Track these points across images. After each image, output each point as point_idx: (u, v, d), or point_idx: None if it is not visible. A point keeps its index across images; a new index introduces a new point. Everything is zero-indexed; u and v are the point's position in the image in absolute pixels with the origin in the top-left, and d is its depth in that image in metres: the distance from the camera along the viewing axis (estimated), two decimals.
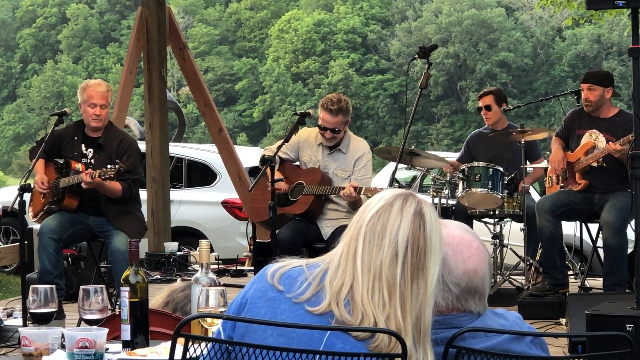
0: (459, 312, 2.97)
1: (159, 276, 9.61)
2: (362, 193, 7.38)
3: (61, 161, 7.56)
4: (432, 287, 2.75)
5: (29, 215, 7.84)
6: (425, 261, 2.74)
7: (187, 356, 2.63)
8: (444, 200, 8.56)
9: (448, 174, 8.47)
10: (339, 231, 7.48)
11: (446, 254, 2.96)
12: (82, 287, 3.67)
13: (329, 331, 2.68)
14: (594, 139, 7.90)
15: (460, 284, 2.94)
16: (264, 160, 7.31)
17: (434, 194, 8.53)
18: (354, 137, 7.96)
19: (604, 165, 7.80)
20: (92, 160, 7.46)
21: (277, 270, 2.80)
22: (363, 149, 7.83)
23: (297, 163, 8.08)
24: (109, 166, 7.05)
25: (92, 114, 7.42)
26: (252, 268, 9.66)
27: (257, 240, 9.41)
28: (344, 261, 2.75)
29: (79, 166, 7.42)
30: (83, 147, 7.51)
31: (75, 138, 7.53)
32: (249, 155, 12.28)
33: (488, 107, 8.93)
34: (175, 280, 8.81)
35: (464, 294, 2.95)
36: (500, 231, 8.61)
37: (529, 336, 2.99)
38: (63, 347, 3.39)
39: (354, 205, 7.48)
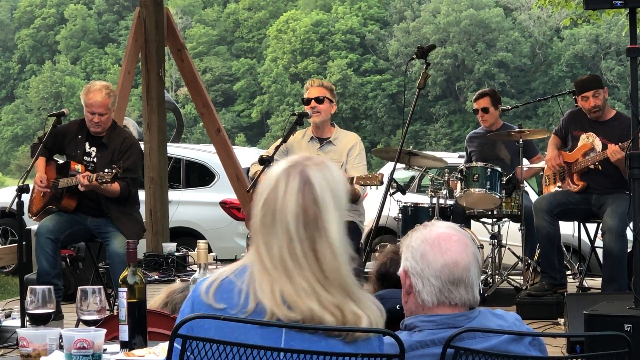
0: (445, 306, 2.98)
1: (157, 277, 9.61)
2: (355, 182, 7.33)
3: (61, 161, 7.56)
4: (339, 244, 2.72)
5: (27, 214, 7.83)
6: (321, 224, 2.72)
7: (185, 357, 2.63)
8: (442, 201, 8.57)
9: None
10: None
11: (424, 250, 2.98)
12: (80, 287, 3.68)
13: (284, 330, 2.66)
14: (591, 141, 7.90)
15: (441, 277, 2.96)
16: (262, 160, 7.30)
17: (432, 194, 8.54)
18: (344, 131, 7.92)
19: (600, 168, 7.80)
20: (95, 159, 7.46)
21: (209, 287, 2.74)
22: (354, 139, 7.80)
23: None
24: (106, 170, 7.05)
25: (90, 120, 7.44)
26: None
27: None
28: (258, 262, 2.73)
29: (78, 167, 7.42)
30: (87, 145, 7.51)
31: (79, 136, 7.52)
32: (247, 156, 12.27)
33: (486, 110, 8.94)
34: (174, 280, 8.81)
35: (447, 285, 2.97)
36: (499, 231, 8.61)
37: (528, 337, 3.00)
38: (61, 347, 3.40)
39: (352, 198, 7.45)
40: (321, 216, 2.72)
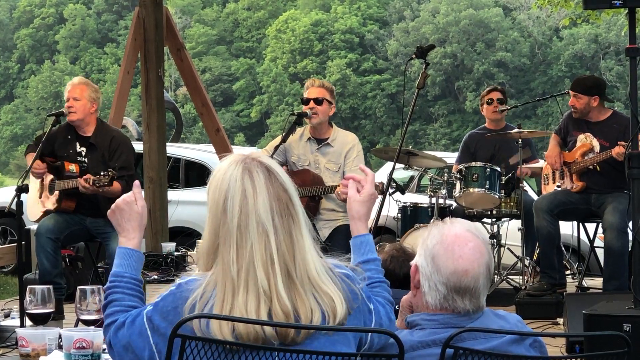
0: (449, 311, 2.97)
1: (156, 276, 9.60)
2: None
3: (56, 163, 7.56)
4: (305, 226, 2.76)
5: (28, 217, 7.83)
6: (292, 209, 2.75)
7: (184, 356, 2.63)
8: (441, 200, 8.56)
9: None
10: (336, 232, 7.44)
11: (437, 253, 2.95)
12: (79, 287, 3.68)
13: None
14: (589, 141, 7.91)
15: (448, 284, 2.94)
16: None
17: (432, 193, 8.53)
18: (342, 131, 7.88)
19: (598, 168, 7.81)
20: (86, 159, 7.47)
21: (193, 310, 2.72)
22: (352, 141, 7.75)
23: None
24: (102, 173, 7.05)
25: (66, 107, 7.47)
26: None
27: None
28: (222, 273, 2.71)
29: (72, 167, 7.42)
30: (77, 145, 7.51)
31: (69, 137, 7.53)
32: None
33: (501, 101, 8.92)
34: (173, 280, 8.80)
35: (451, 293, 2.94)
36: (498, 231, 8.61)
37: (529, 339, 2.99)
38: (60, 347, 3.39)
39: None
40: (291, 200, 2.76)
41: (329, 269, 2.77)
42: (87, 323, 3.62)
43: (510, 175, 8.35)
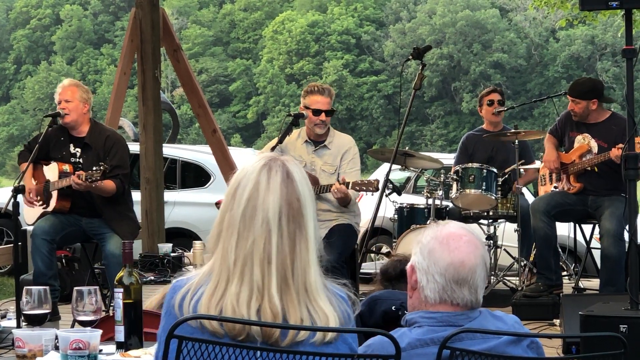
0: (447, 305, 2.98)
1: (152, 277, 9.59)
2: (350, 187, 7.31)
3: (48, 164, 7.55)
4: (314, 242, 2.74)
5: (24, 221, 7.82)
6: (302, 220, 2.74)
7: (180, 357, 2.63)
8: (437, 202, 8.57)
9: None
10: (332, 232, 7.44)
11: (433, 247, 2.98)
12: (75, 288, 3.67)
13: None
14: (587, 142, 7.91)
15: (446, 275, 2.96)
16: None
17: (428, 195, 8.54)
18: (338, 133, 7.88)
19: (596, 170, 7.82)
20: (81, 160, 7.46)
21: (182, 302, 2.72)
22: (348, 143, 7.75)
23: None
24: (94, 168, 7.04)
25: (60, 109, 7.46)
26: None
27: None
28: (221, 260, 2.72)
29: (66, 167, 7.41)
30: (71, 146, 7.51)
31: (62, 138, 7.51)
32: (243, 157, 12.26)
33: (501, 102, 8.91)
34: (170, 281, 8.80)
35: (450, 284, 2.96)
36: (494, 232, 8.62)
37: (526, 340, 3.00)
38: (57, 348, 3.39)
39: (344, 201, 7.43)
40: (302, 211, 2.74)
41: (328, 289, 2.77)
42: (84, 324, 3.61)
43: (506, 176, 8.36)
